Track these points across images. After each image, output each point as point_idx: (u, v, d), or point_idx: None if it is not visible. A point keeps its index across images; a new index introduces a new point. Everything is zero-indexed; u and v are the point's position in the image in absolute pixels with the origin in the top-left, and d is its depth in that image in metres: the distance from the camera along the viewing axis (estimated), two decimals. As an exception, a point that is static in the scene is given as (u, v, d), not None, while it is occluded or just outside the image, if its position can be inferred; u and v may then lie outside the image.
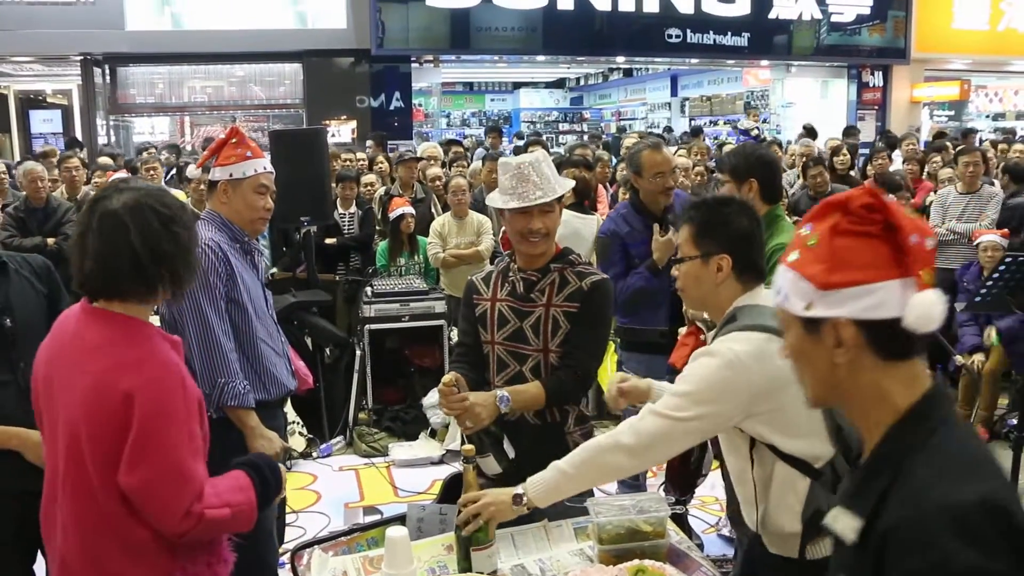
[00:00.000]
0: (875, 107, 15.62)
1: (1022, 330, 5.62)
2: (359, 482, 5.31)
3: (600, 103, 23.38)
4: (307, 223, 5.81)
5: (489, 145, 11.54)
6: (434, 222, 6.50)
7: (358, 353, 5.94)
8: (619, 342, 4.24)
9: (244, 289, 2.97)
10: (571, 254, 2.73)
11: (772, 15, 14.01)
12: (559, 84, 23.50)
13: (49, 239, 6.18)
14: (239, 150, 3.01)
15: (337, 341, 6.05)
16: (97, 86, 12.89)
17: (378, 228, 6.92)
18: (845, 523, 1.26)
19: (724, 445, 2.21)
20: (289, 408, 4.97)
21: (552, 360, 2.64)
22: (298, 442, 5.54)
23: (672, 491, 2.87)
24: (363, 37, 12.48)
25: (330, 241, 6.64)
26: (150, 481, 1.87)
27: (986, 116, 18.54)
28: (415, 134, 13.49)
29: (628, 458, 2.10)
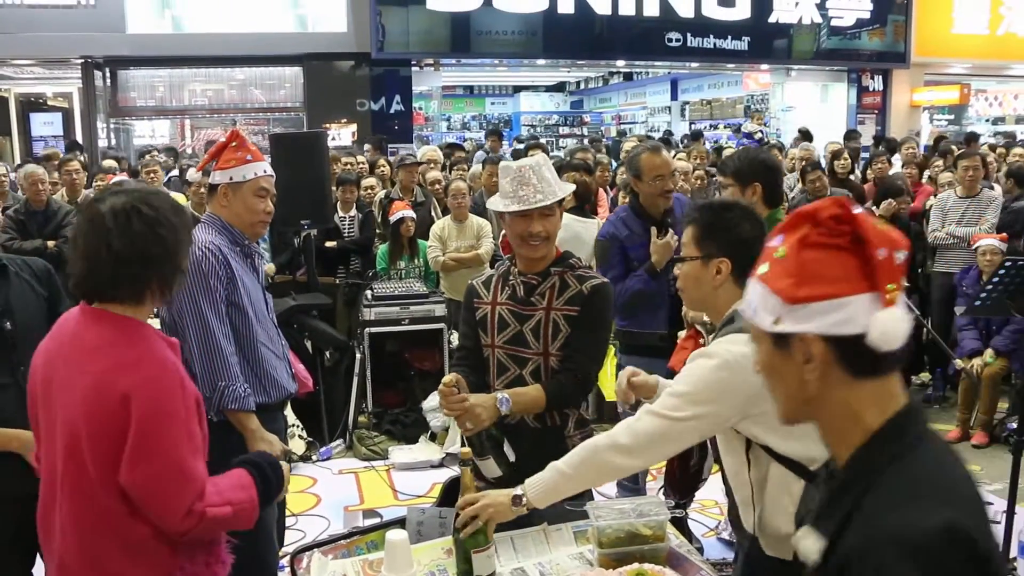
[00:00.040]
0: (875, 111, 15.64)
1: (1018, 341, 5.64)
2: (359, 485, 5.31)
3: (600, 107, 23.36)
4: (307, 226, 5.82)
5: (489, 148, 11.54)
6: (434, 226, 6.51)
7: (358, 356, 5.94)
8: (618, 345, 4.24)
9: (244, 292, 2.97)
10: (571, 258, 2.73)
11: (772, 19, 14.04)
12: (559, 88, 23.48)
13: (49, 242, 6.18)
14: (239, 153, 3.01)
15: (337, 344, 6.05)
16: (98, 89, 12.91)
17: (378, 231, 6.92)
18: (809, 543, 1.23)
19: (721, 446, 2.22)
20: (289, 411, 4.97)
21: (552, 364, 2.64)
22: (298, 445, 5.54)
23: (671, 494, 2.87)
24: (363, 41, 12.50)
25: (330, 244, 6.63)
26: (151, 480, 1.88)
27: (986, 120, 18.55)
28: (415, 138, 13.50)
29: (626, 458, 2.11)
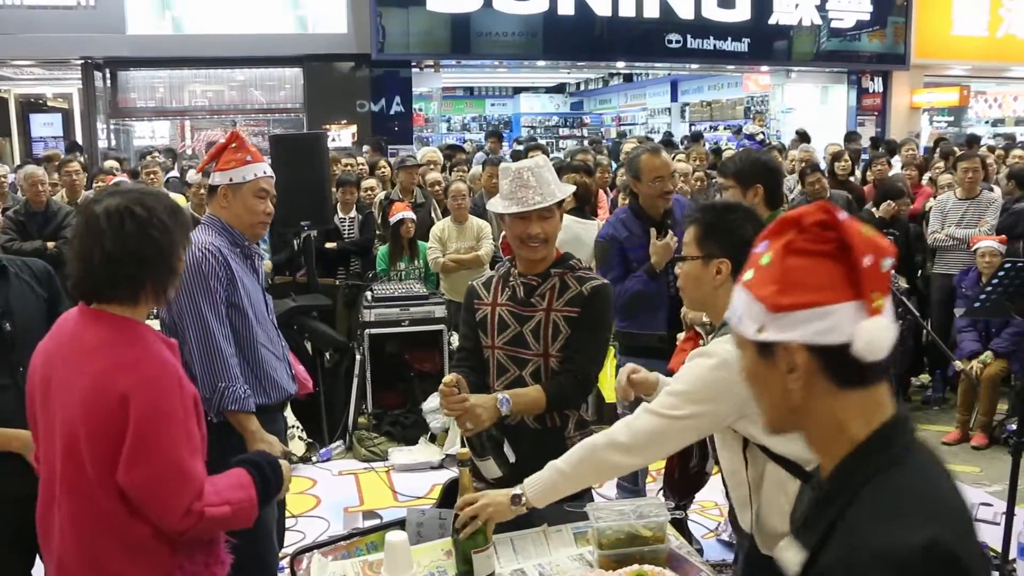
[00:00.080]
0: (875, 113, 15.66)
1: (1017, 343, 5.64)
2: (359, 486, 5.31)
3: (600, 108, 23.36)
4: (307, 228, 5.82)
5: (489, 150, 11.55)
6: (434, 227, 6.51)
7: (358, 357, 5.94)
8: (618, 346, 4.24)
9: (244, 293, 2.97)
10: (571, 259, 2.73)
11: (772, 21, 14.06)
12: (559, 89, 23.48)
13: (49, 243, 6.18)
14: (239, 154, 3.01)
15: (337, 345, 6.05)
16: (98, 90, 12.92)
17: (378, 232, 6.92)
18: (790, 555, 1.21)
19: (719, 445, 2.23)
20: (289, 412, 4.97)
21: (552, 365, 2.64)
22: (298, 446, 5.53)
23: (670, 496, 2.87)
24: (364, 42, 12.51)
25: (330, 245, 6.63)
26: (150, 480, 1.88)
27: (985, 122, 18.56)
28: (415, 139, 13.51)
29: (624, 456, 2.12)
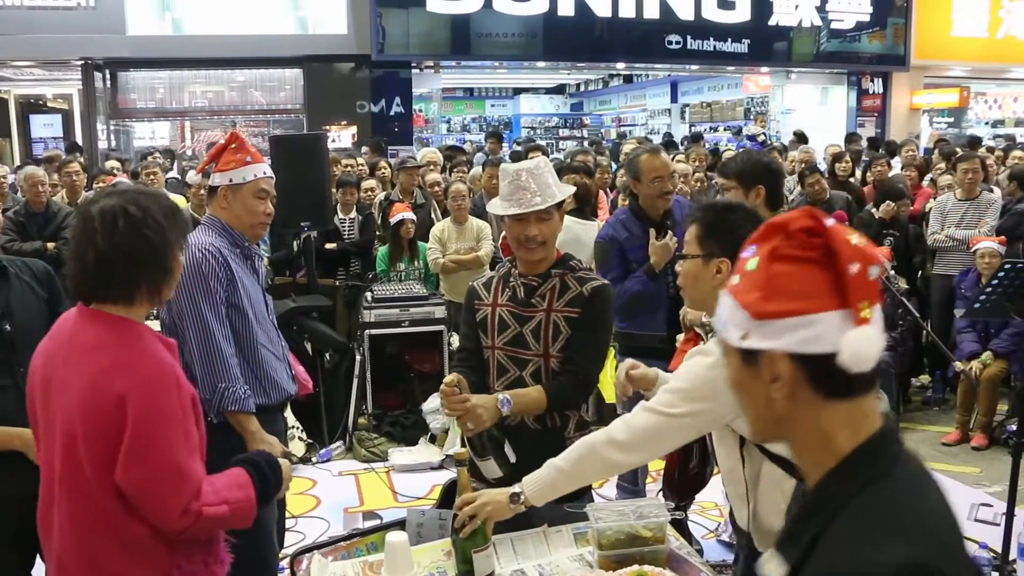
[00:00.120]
0: (875, 114, 15.67)
1: (1017, 343, 5.64)
2: (359, 487, 5.30)
3: (600, 109, 23.37)
4: (307, 228, 5.82)
5: (488, 151, 11.55)
6: (434, 228, 6.51)
7: (358, 358, 5.94)
8: (617, 347, 4.25)
9: (244, 294, 2.97)
10: (572, 260, 2.73)
11: (772, 22, 14.06)
12: (559, 90, 23.49)
13: (49, 243, 6.18)
14: (239, 155, 3.01)
15: (337, 346, 6.05)
16: (98, 91, 12.92)
17: (378, 233, 6.92)
18: (772, 568, 1.19)
19: (716, 443, 2.23)
20: (289, 413, 4.97)
21: (553, 365, 2.64)
22: (298, 447, 5.53)
23: (670, 497, 2.88)
24: (364, 43, 12.51)
25: (330, 246, 6.63)
26: (147, 479, 1.88)
27: (985, 123, 18.58)
28: (415, 140, 13.51)
29: (622, 454, 2.13)
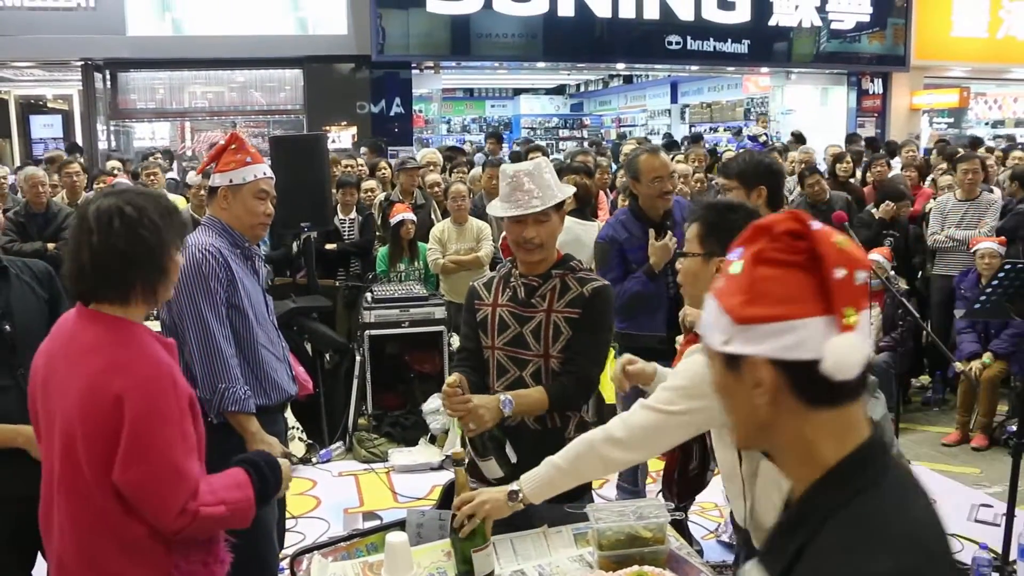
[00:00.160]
0: (875, 114, 15.67)
1: (1017, 344, 5.64)
2: (359, 488, 5.30)
3: (600, 110, 23.38)
4: (307, 229, 5.82)
5: (488, 151, 11.55)
6: (434, 228, 6.51)
7: (358, 359, 5.94)
8: (617, 347, 4.25)
9: (245, 294, 2.97)
10: (572, 260, 2.73)
11: (772, 22, 14.07)
12: (559, 91, 23.50)
13: (49, 244, 6.19)
14: (239, 156, 3.01)
15: (337, 347, 6.05)
16: (98, 91, 12.93)
17: (378, 234, 6.92)
18: None
19: (715, 440, 2.24)
20: (289, 413, 4.97)
21: (553, 365, 2.64)
22: (298, 447, 5.53)
23: (669, 498, 2.88)
24: (364, 43, 12.52)
25: (330, 247, 6.64)
26: (145, 480, 1.89)
27: (985, 123, 18.58)
28: (415, 140, 13.52)
29: (621, 451, 2.14)
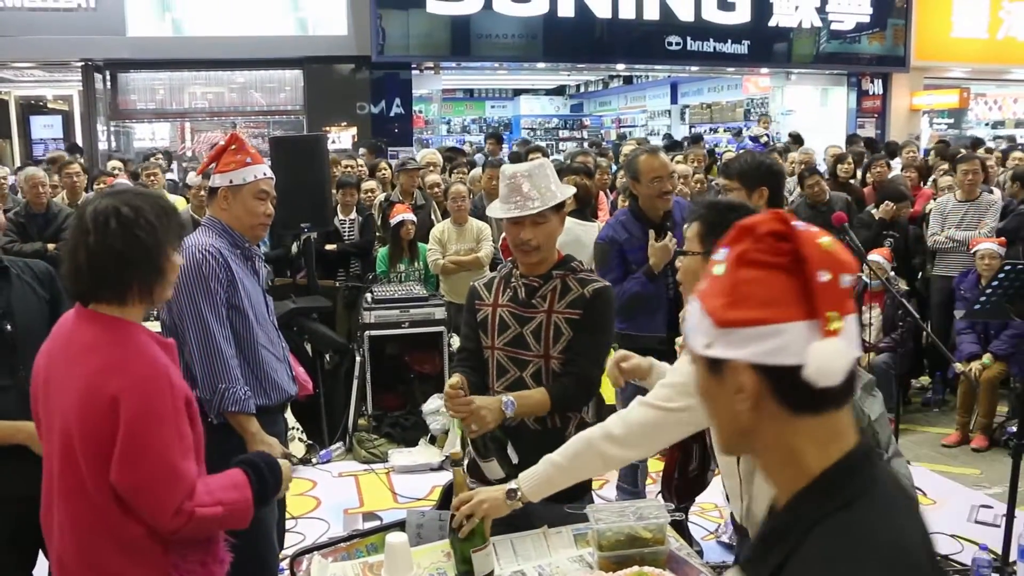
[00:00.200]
0: (875, 115, 15.67)
1: (1017, 345, 5.64)
2: (359, 488, 5.30)
3: (600, 110, 23.39)
4: (307, 229, 5.83)
5: (488, 152, 11.55)
6: (434, 229, 6.51)
7: (358, 359, 5.94)
8: (617, 348, 4.24)
9: (245, 295, 2.97)
10: (573, 261, 2.73)
11: (772, 23, 14.07)
12: (559, 91, 23.51)
13: (49, 244, 6.19)
14: (239, 156, 3.01)
15: (337, 347, 6.05)
16: (98, 92, 12.93)
17: (378, 234, 6.92)
18: None
19: (713, 438, 2.23)
20: (289, 414, 4.97)
21: (553, 366, 2.64)
22: (298, 448, 5.53)
23: (668, 499, 2.87)
24: (364, 44, 12.52)
25: (330, 247, 6.64)
26: (141, 480, 1.89)
27: (985, 124, 18.59)
28: (415, 141, 13.51)
29: (619, 448, 2.14)
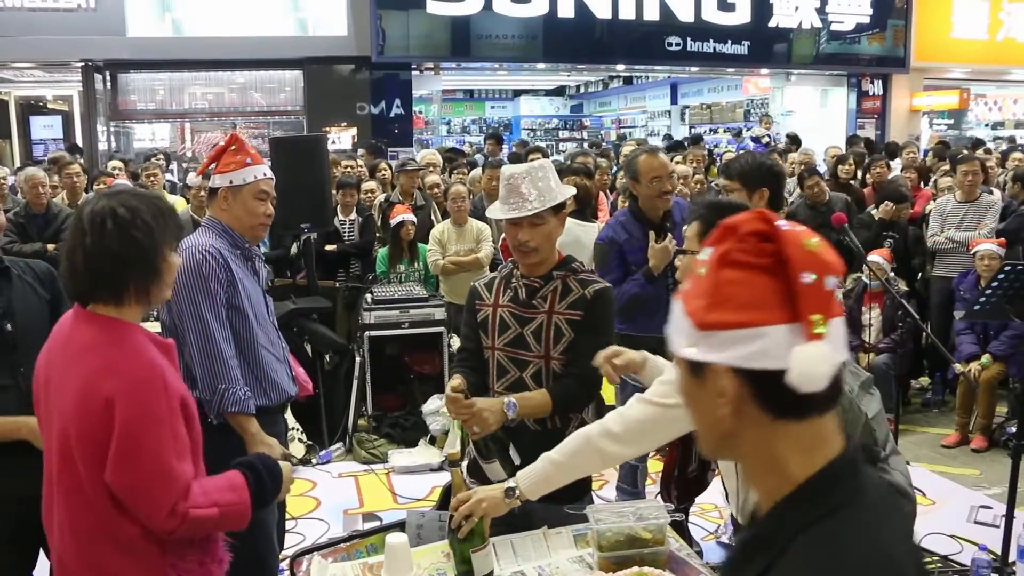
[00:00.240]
0: (875, 116, 15.66)
1: (1016, 346, 5.64)
2: (358, 488, 5.30)
3: (600, 111, 23.39)
4: (307, 230, 5.83)
5: (488, 152, 11.55)
6: (434, 229, 6.51)
7: (358, 360, 5.94)
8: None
9: (245, 295, 2.97)
10: (574, 262, 2.72)
11: (772, 23, 14.06)
12: (559, 92, 23.52)
13: (49, 245, 6.18)
14: (239, 157, 3.01)
15: (337, 348, 6.05)
16: (98, 92, 12.91)
17: (378, 235, 6.92)
18: None
19: None
20: (288, 414, 4.97)
21: (554, 367, 2.64)
22: (298, 448, 5.53)
23: (667, 499, 2.88)
24: (364, 44, 12.51)
25: (330, 248, 6.63)
26: (135, 481, 1.90)
27: (985, 125, 18.59)
28: (415, 141, 13.51)
29: (617, 445, 2.14)
